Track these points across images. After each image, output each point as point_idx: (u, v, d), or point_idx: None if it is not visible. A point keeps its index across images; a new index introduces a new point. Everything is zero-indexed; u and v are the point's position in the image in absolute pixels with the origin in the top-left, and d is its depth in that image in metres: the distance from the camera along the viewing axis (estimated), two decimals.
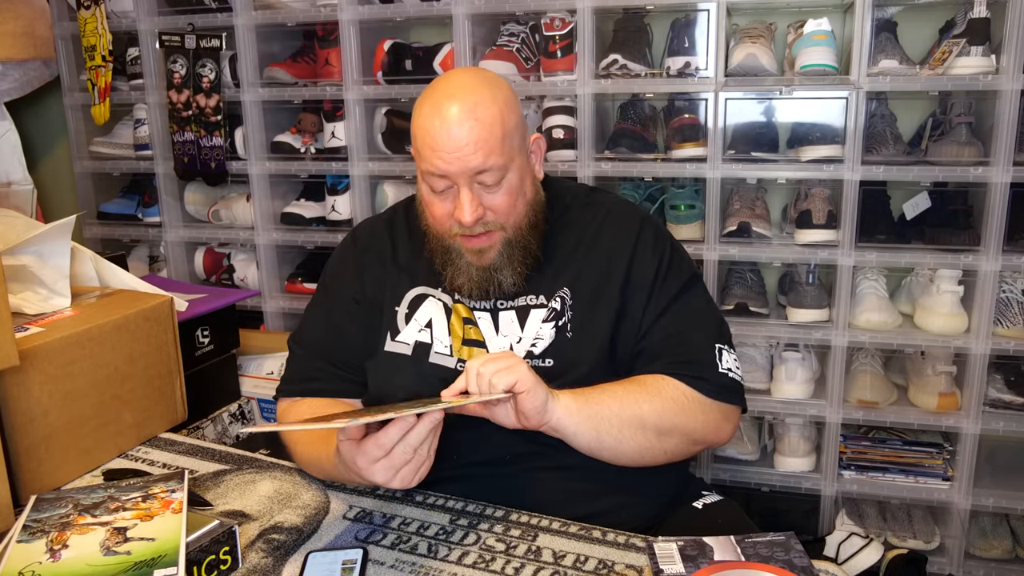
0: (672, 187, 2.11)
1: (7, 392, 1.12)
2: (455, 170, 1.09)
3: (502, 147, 1.10)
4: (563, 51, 2.02)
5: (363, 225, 1.36)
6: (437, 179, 1.11)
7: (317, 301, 1.32)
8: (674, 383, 1.13)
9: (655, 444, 1.11)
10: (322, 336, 1.27)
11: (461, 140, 1.08)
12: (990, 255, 1.82)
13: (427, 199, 1.16)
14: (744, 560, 0.90)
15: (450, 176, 1.10)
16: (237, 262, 2.46)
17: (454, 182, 1.11)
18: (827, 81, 1.87)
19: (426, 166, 1.11)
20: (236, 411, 1.77)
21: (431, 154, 1.10)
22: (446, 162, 1.09)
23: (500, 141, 1.10)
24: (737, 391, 1.17)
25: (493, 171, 1.10)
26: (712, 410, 1.15)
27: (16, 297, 1.29)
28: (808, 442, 2.07)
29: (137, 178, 2.56)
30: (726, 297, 2.06)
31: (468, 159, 1.08)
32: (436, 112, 1.09)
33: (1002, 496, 1.93)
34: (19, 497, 1.13)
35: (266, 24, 2.23)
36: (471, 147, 1.08)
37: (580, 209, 1.26)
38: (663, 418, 1.10)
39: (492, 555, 1.01)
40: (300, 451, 1.20)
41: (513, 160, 1.12)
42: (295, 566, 0.98)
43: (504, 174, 1.12)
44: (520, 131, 1.15)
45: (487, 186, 1.11)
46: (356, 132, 2.19)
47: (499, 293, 1.18)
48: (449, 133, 1.08)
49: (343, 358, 1.25)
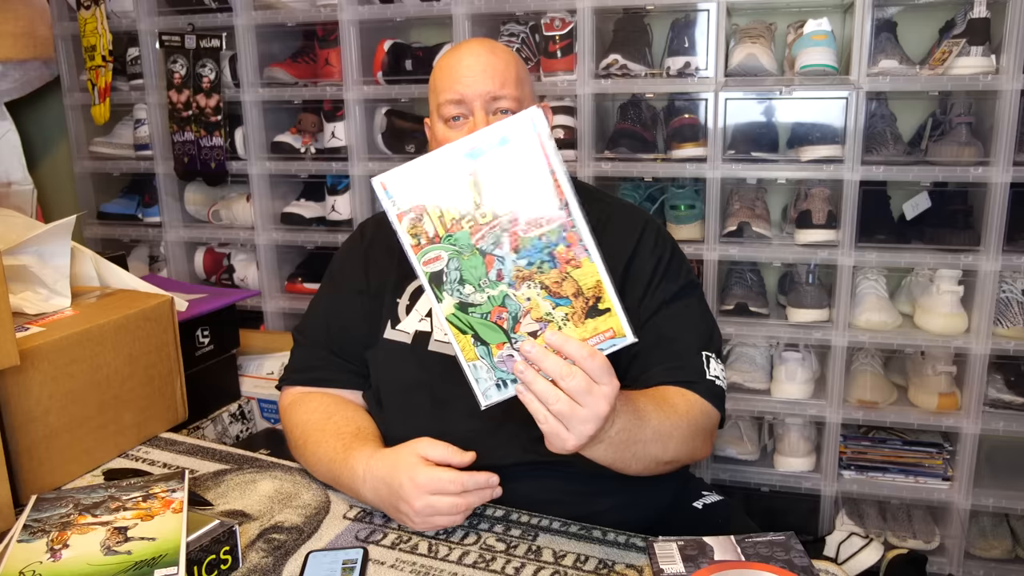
0: (672, 187, 2.11)
1: (7, 392, 1.12)
2: (472, 93, 1.17)
3: (517, 82, 1.19)
4: (563, 51, 2.02)
5: (371, 220, 1.39)
6: (453, 106, 1.18)
7: (322, 292, 1.33)
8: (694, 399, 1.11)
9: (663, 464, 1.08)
10: (326, 327, 1.28)
11: (478, 68, 1.17)
12: (990, 255, 1.82)
13: (442, 136, 1.21)
14: (744, 560, 0.90)
15: (467, 100, 1.17)
16: (237, 262, 2.46)
17: (470, 108, 1.18)
18: (827, 81, 1.87)
19: (444, 95, 1.19)
20: (236, 411, 1.77)
21: (450, 82, 1.18)
22: (464, 85, 1.17)
23: (515, 77, 1.19)
24: (721, 399, 1.16)
25: (508, 99, 1.18)
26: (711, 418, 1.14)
27: (16, 297, 1.29)
28: (808, 442, 2.07)
29: (137, 178, 2.56)
30: (726, 297, 2.06)
31: (484, 82, 1.17)
32: (456, 52, 1.20)
33: (1002, 496, 1.93)
34: (19, 497, 1.12)
35: (266, 24, 2.23)
36: (488, 73, 1.17)
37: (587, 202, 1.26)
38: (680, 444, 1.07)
39: (492, 555, 1.01)
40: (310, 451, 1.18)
41: (525, 102, 1.20)
42: (295, 566, 0.98)
43: (518, 107, 1.18)
44: (531, 85, 1.25)
45: (500, 114, 1.18)
46: (356, 132, 2.20)
47: None
48: (469, 63, 1.18)
49: (346, 349, 1.26)
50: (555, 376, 0.85)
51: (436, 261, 0.88)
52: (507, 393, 0.91)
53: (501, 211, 0.86)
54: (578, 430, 0.86)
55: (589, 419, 0.86)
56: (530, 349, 0.86)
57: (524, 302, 0.89)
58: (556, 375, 0.85)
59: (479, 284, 0.88)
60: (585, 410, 0.86)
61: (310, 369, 1.27)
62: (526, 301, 0.88)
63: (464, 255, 0.88)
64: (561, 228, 0.86)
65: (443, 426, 1.12)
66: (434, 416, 1.16)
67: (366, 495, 1.08)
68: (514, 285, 0.88)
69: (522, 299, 0.88)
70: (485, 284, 0.88)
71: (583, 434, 0.87)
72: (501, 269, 0.88)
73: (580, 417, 0.86)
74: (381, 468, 1.05)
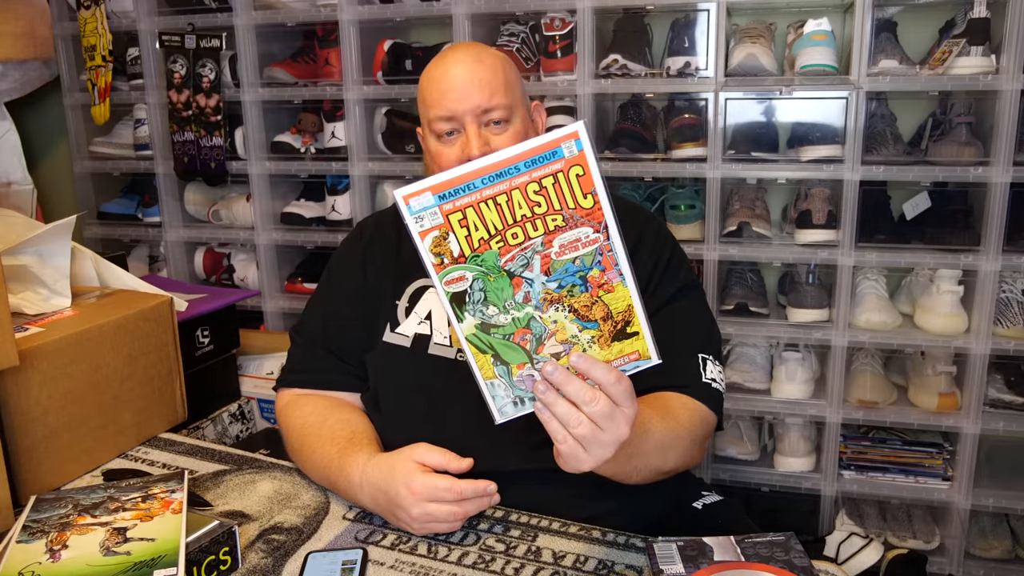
0: (672, 187, 2.11)
1: (7, 392, 1.12)
2: (462, 108, 1.14)
3: (506, 90, 1.16)
4: (563, 51, 2.02)
5: (371, 218, 1.38)
6: (444, 123, 1.16)
7: (320, 292, 1.33)
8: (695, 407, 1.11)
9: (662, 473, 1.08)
10: (323, 326, 1.27)
11: (466, 81, 1.14)
12: (990, 255, 1.82)
13: (435, 151, 1.19)
14: (744, 560, 0.90)
15: (457, 116, 1.15)
16: (237, 262, 2.46)
17: (461, 123, 1.15)
18: (827, 81, 1.87)
19: (434, 111, 1.16)
20: (236, 411, 1.76)
21: (439, 97, 1.15)
22: (453, 101, 1.14)
23: (504, 84, 1.16)
24: (719, 402, 1.15)
25: (499, 109, 1.15)
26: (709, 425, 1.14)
27: (16, 297, 1.29)
28: (808, 442, 2.07)
29: (137, 178, 2.56)
30: (726, 297, 2.06)
31: (474, 97, 1.14)
32: (442, 63, 1.17)
33: (1002, 496, 1.93)
34: (19, 497, 1.12)
35: (266, 24, 2.23)
36: (477, 85, 1.14)
37: None
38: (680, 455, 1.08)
39: (492, 555, 1.01)
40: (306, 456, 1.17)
41: (516, 108, 1.18)
42: (295, 566, 0.98)
43: (510, 116, 1.17)
44: (521, 87, 1.22)
45: (493, 125, 1.16)
46: (356, 132, 2.19)
47: None
48: (456, 76, 1.15)
49: (344, 348, 1.25)
50: (578, 401, 0.83)
51: (459, 281, 0.84)
52: (524, 410, 0.88)
53: (534, 232, 0.81)
54: (596, 453, 0.85)
55: (609, 443, 0.85)
56: (552, 371, 0.83)
57: (550, 324, 0.85)
58: (579, 400, 0.83)
59: (504, 306, 0.85)
60: (606, 434, 0.84)
61: (307, 370, 1.27)
62: (552, 323, 0.85)
63: (490, 276, 0.83)
64: (597, 251, 0.82)
65: (442, 430, 1.12)
66: (433, 420, 1.16)
67: (364, 501, 1.08)
68: (541, 308, 0.85)
69: (548, 321, 0.85)
70: (510, 306, 0.85)
71: (601, 457, 0.85)
72: (529, 291, 0.84)
73: (600, 441, 0.84)
74: (377, 476, 1.05)
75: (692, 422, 1.09)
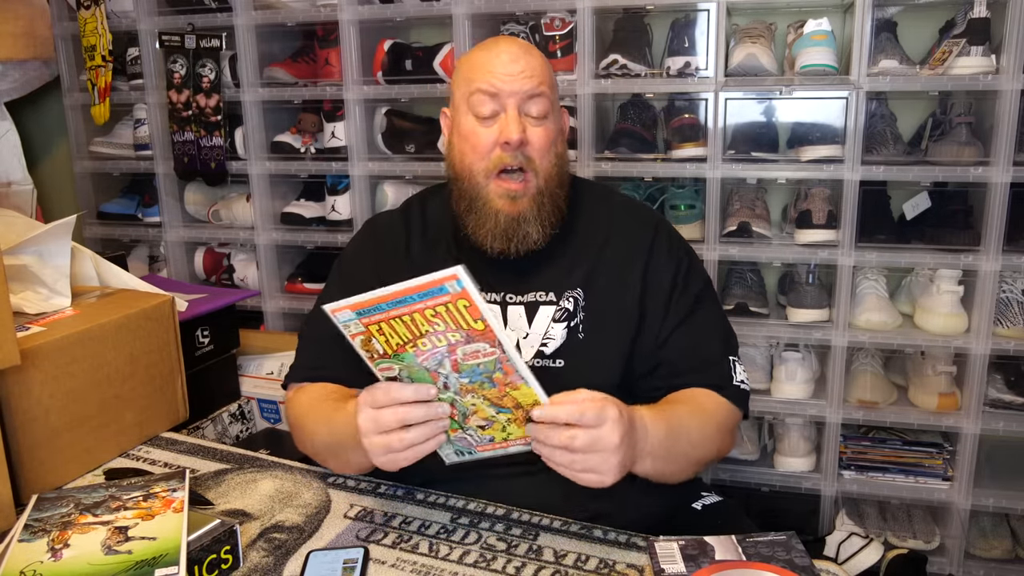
0: (672, 187, 2.11)
1: (8, 391, 1.12)
2: (508, 89, 1.14)
3: (550, 87, 1.18)
4: (563, 51, 2.02)
5: (381, 217, 1.37)
6: (487, 99, 1.15)
7: (329, 290, 1.32)
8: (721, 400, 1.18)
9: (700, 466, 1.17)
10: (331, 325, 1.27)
11: (517, 66, 1.15)
12: (990, 255, 1.82)
13: (469, 131, 1.17)
14: (745, 560, 0.90)
15: (501, 96, 1.14)
16: (237, 262, 2.46)
17: (503, 104, 1.15)
18: (827, 81, 1.87)
19: (478, 86, 1.15)
20: (236, 411, 1.77)
21: (486, 75, 1.15)
22: (501, 80, 1.14)
23: (549, 81, 1.18)
24: (747, 401, 1.22)
25: (542, 99, 1.16)
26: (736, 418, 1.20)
27: (16, 297, 1.29)
28: (808, 442, 2.07)
29: (137, 178, 2.56)
30: (726, 297, 2.06)
31: (523, 81, 1.14)
32: (493, 46, 1.18)
33: (1002, 496, 1.93)
34: (20, 496, 1.12)
35: (266, 24, 2.23)
36: (527, 71, 1.15)
37: (595, 201, 1.27)
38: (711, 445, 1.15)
39: (493, 554, 1.01)
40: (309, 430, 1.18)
41: (554, 107, 1.19)
42: (296, 565, 0.98)
43: (549, 110, 1.17)
44: (558, 92, 1.24)
45: (532, 117, 1.16)
46: (356, 132, 2.19)
47: (521, 246, 1.17)
48: (506, 59, 1.15)
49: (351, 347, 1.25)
50: (561, 446, 0.94)
51: (390, 370, 0.97)
52: (467, 458, 1.04)
53: (439, 343, 0.91)
54: (604, 468, 0.95)
55: (609, 453, 0.94)
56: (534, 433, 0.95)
57: (470, 406, 0.97)
58: (562, 445, 0.94)
59: None
60: (599, 454, 0.94)
61: (318, 367, 1.26)
62: (471, 406, 0.97)
63: (413, 369, 0.95)
64: (496, 361, 0.91)
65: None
66: None
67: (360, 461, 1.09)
68: (460, 394, 0.96)
69: (468, 404, 0.97)
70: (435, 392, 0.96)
71: (612, 467, 0.95)
72: (447, 382, 0.95)
73: (599, 459, 0.94)
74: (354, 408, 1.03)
75: (719, 412, 1.16)
